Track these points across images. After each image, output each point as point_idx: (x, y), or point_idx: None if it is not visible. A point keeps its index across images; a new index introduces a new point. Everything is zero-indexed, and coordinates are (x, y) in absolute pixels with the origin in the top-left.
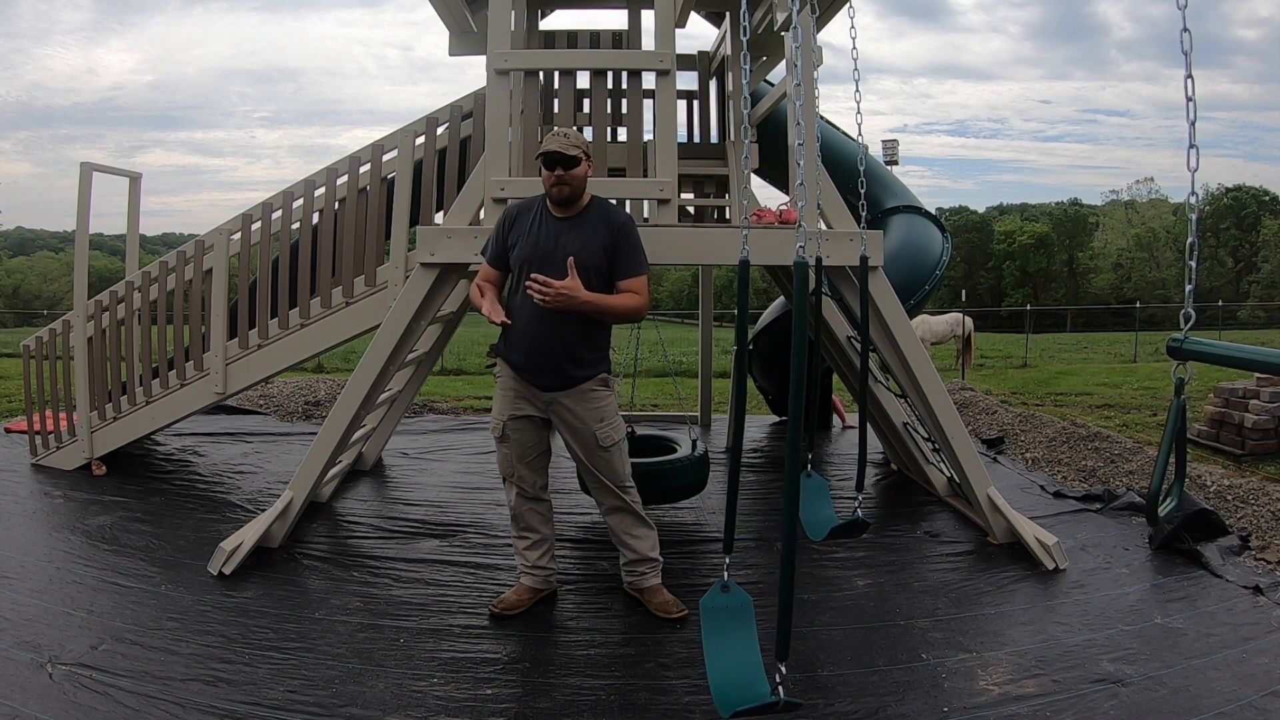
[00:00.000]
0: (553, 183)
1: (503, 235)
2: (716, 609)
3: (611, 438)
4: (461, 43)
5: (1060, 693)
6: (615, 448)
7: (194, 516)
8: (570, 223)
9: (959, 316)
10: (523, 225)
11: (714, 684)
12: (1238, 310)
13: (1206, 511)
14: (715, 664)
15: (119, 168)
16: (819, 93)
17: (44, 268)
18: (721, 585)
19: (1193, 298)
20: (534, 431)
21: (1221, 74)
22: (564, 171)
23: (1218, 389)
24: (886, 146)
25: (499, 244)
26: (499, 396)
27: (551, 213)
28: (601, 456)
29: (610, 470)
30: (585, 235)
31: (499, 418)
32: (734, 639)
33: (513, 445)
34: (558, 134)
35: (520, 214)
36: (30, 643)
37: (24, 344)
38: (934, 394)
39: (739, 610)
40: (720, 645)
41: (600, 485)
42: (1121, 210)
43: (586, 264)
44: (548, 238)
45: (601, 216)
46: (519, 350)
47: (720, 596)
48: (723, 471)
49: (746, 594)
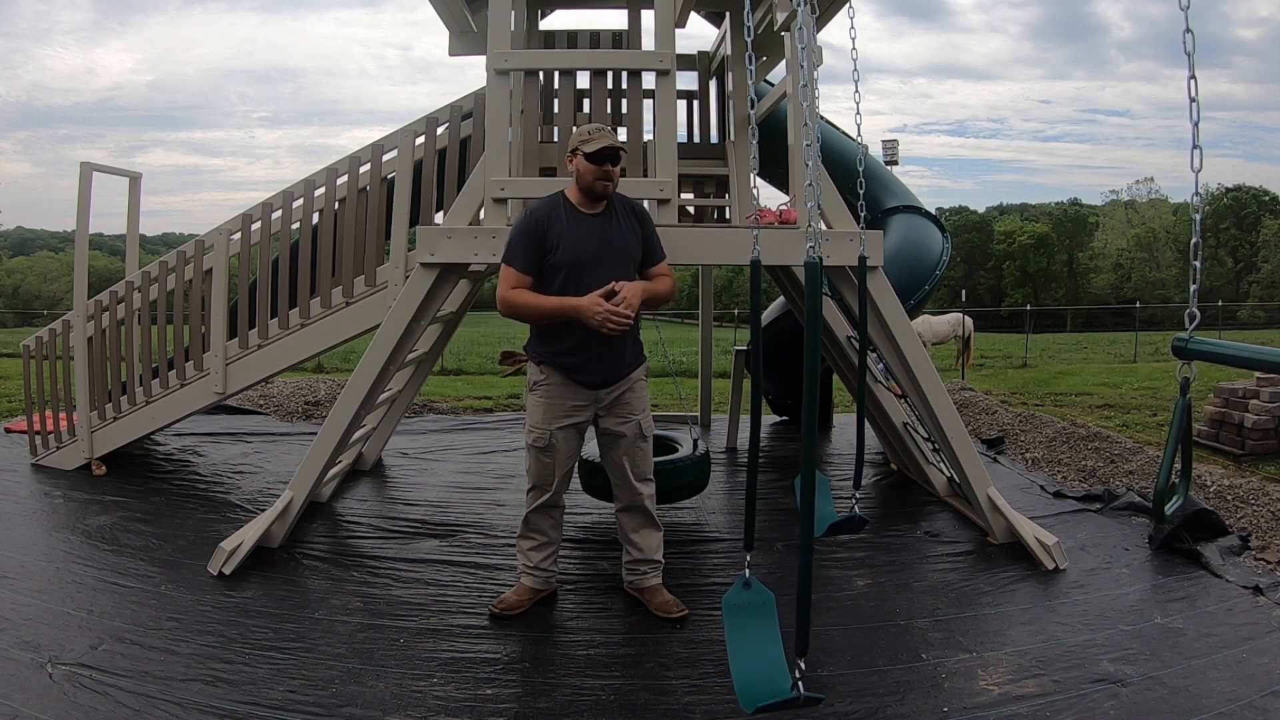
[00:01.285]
0: (599, 176)
1: (537, 239)
2: (739, 606)
3: (651, 428)
4: (461, 43)
5: (1060, 693)
6: (651, 439)
7: (194, 516)
8: (603, 219)
9: (960, 316)
10: (558, 228)
11: (737, 680)
12: (1238, 310)
13: (1207, 511)
14: (738, 660)
15: (119, 168)
16: (819, 93)
17: (44, 268)
18: (744, 582)
19: (1197, 297)
20: (577, 440)
21: (1221, 74)
22: (613, 167)
23: (1218, 389)
24: (886, 146)
25: (534, 250)
26: (542, 405)
27: (581, 211)
28: (641, 447)
29: (645, 461)
30: (624, 229)
31: (545, 427)
32: (757, 635)
33: (558, 455)
34: (603, 130)
35: (550, 217)
36: (30, 643)
37: (24, 344)
38: (934, 394)
39: (761, 607)
40: (743, 642)
41: (625, 480)
42: (1121, 210)
43: (631, 256)
44: (591, 236)
45: (627, 209)
46: (585, 355)
47: (742, 593)
48: (723, 471)
49: (768, 590)
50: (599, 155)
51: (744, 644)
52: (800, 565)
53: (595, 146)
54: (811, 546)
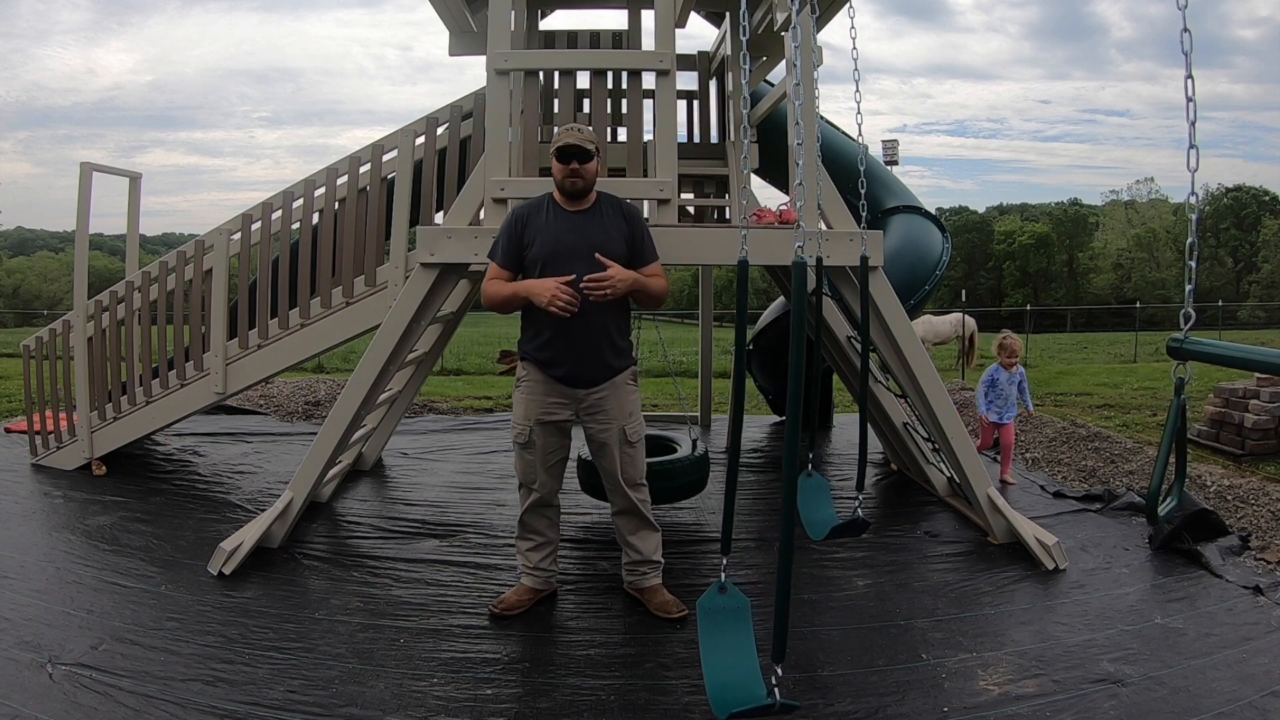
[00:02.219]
0: (566, 174)
1: (516, 235)
2: (714, 610)
3: (638, 433)
4: (461, 43)
5: (1060, 693)
6: (640, 444)
7: (194, 516)
8: (586, 215)
9: (962, 317)
10: (536, 223)
11: (710, 685)
12: (1238, 310)
13: (1206, 511)
14: (711, 665)
15: (119, 168)
16: (819, 93)
17: (44, 268)
18: (719, 586)
19: (1193, 298)
20: (559, 437)
21: (1221, 74)
22: (579, 165)
23: (1218, 389)
24: (887, 146)
25: (512, 245)
26: (524, 401)
27: (564, 208)
28: (627, 452)
29: (633, 467)
30: (606, 226)
31: (525, 423)
32: (730, 640)
33: (538, 451)
34: (572, 128)
35: (531, 214)
36: (30, 643)
37: (24, 344)
38: (934, 394)
39: (736, 612)
40: (717, 647)
41: (615, 485)
42: (1121, 210)
43: (612, 253)
44: (570, 231)
45: (614, 208)
46: (556, 348)
47: (717, 598)
48: (723, 471)
49: (744, 595)
50: (562, 153)
51: (718, 649)
52: (779, 572)
53: (558, 144)
54: (791, 553)
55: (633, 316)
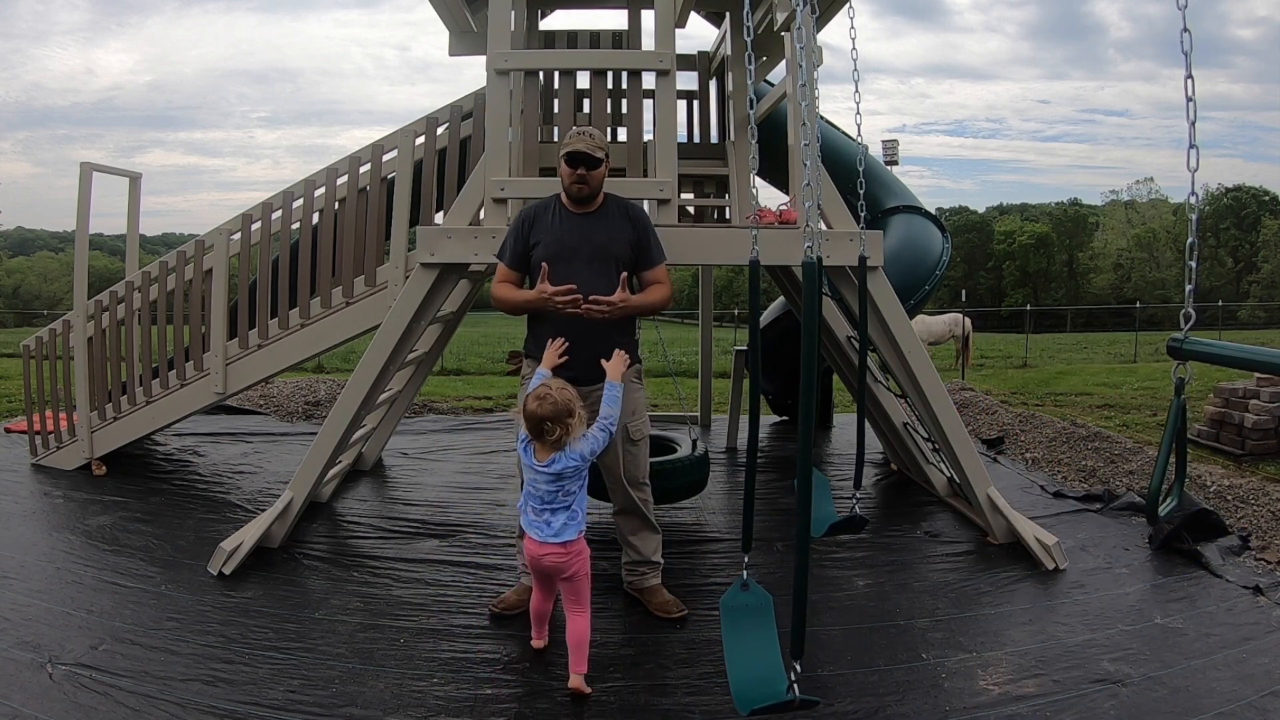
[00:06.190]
0: (573, 180)
1: (523, 236)
2: (736, 607)
3: (641, 431)
4: (461, 43)
5: (1060, 693)
6: (643, 442)
7: (194, 516)
8: (592, 218)
9: (958, 317)
10: (543, 224)
11: (733, 682)
12: (1238, 310)
13: (1206, 511)
14: (735, 662)
15: (119, 168)
16: (819, 93)
17: (44, 268)
18: (741, 583)
19: (1193, 298)
20: None
21: (1220, 74)
22: (586, 171)
23: (1218, 389)
24: (886, 146)
25: (520, 245)
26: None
27: (570, 209)
28: (630, 451)
29: (635, 465)
30: (611, 229)
31: None
32: (754, 637)
33: None
34: (583, 134)
35: (538, 214)
36: (30, 643)
37: (24, 344)
38: (934, 394)
39: (759, 608)
40: (740, 644)
41: (617, 483)
42: (1121, 210)
43: (615, 256)
44: (572, 233)
45: (621, 211)
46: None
47: (740, 595)
48: (723, 471)
49: (766, 593)
50: (570, 158)
51: (741, 646)
52: (797, 567)
53: (567, 150)
54: (808, 548)
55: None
